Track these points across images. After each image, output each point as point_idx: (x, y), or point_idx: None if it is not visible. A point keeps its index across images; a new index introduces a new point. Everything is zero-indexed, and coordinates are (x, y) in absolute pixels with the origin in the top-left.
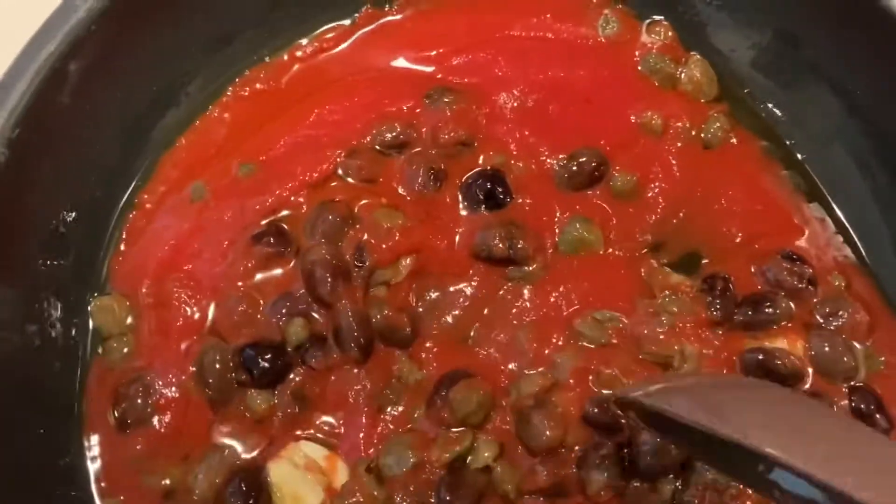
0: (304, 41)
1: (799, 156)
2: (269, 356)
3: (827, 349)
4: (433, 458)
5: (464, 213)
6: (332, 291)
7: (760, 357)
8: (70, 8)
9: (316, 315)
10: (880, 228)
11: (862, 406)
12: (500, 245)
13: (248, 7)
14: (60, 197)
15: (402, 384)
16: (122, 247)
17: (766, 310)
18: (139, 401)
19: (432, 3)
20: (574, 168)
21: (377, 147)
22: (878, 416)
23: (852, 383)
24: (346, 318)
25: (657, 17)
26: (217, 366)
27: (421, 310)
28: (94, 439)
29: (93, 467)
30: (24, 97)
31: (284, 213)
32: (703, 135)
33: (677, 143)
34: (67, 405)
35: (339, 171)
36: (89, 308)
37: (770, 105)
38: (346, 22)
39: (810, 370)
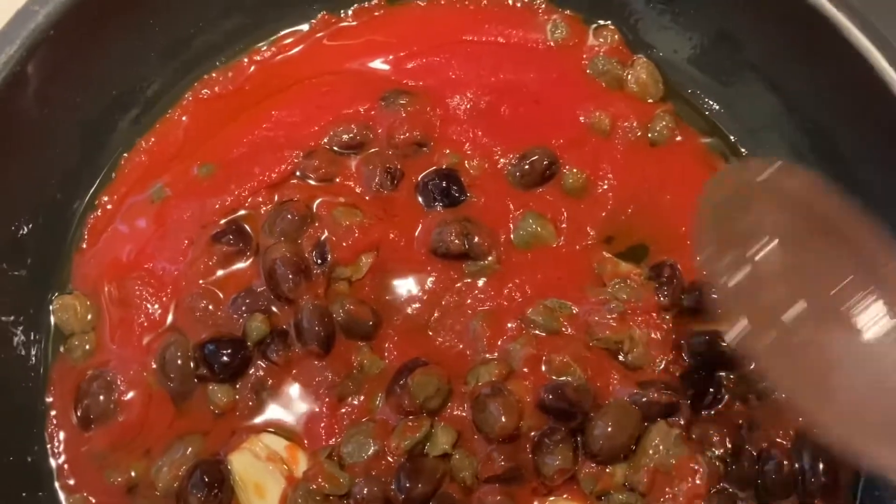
0: (262, 46)
1: (743, 150)
2: (229, 351)
3: None
4: (393, 445)
5: (421, 211)
6: (294, 288)
7: (707, 339)
8: (28, 13)
9: (276, 310)
10: None
11: None
12: (457, 241)
13: (202, 14)
14: (21, 200)
15: (364, 375)
16: (84, 246)
17: (712, 294)
18: (101, 397)
19: (386, 11)
20: (526, 167)
21: (334, 148)
22: None
23: None
24: (308, 313)
25: (603, 22)
26: (178, 361)
27: (382, 304)
28: (58, 437)
29: (56, 465)
30: None
31: (243, 212)
32: (649, 133)
33: (625, 142)
34: (31, 405)
35: (298, 172)
36: (51, 307)
37: (713, 103)
38: (304, 27)
39: None
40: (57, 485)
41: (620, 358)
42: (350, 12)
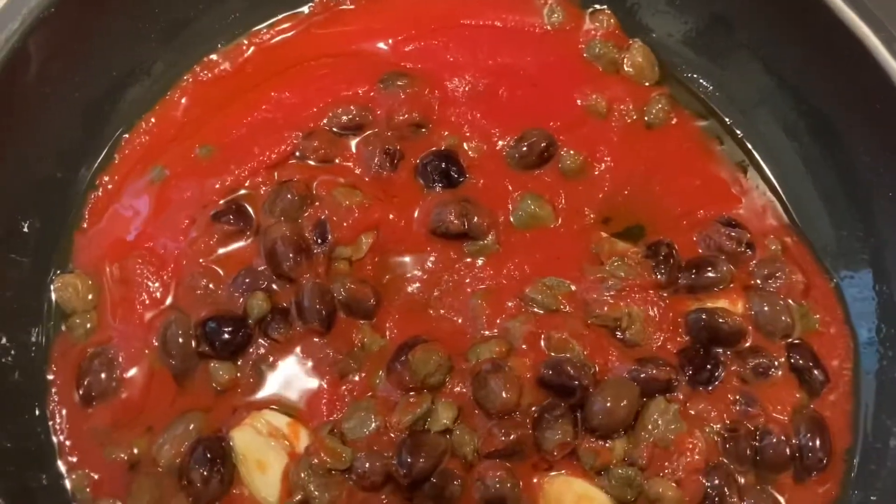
0: (261, 28)
1: (738, 132)
2: (230, 328)
3: (766, 308)
4: (394, 421)
5: (420, 191)
6: (295, 267)
7: (704, 317)
8: None
9: (277, 289)
10: (810, 193)
11: (800, 361)
12: (456, 221)
13: None
14: (21, 178)
15: (365, 352)
16: (85, 225)
17: (709, 273)
18: (103, 375)
19: None
20: (524, 148)
21: (334, 129)
22: (815, 371)
23: (790, 340)
24: (309, 292)
25: (599, 7)
26: (180, 339)
27: (383, 283)
28: (59, 414)
29: (58, 442)
30: None
31: (243, 192)
32: (645, 116)
33: (621, 125)
34: (33, 384)
35: (297, 153)
36: (52, 286)
37: (708, 85)
38: (303, 10)
39: (750, 328)
40: (59, 462)
41: (618, 335)
42: None
